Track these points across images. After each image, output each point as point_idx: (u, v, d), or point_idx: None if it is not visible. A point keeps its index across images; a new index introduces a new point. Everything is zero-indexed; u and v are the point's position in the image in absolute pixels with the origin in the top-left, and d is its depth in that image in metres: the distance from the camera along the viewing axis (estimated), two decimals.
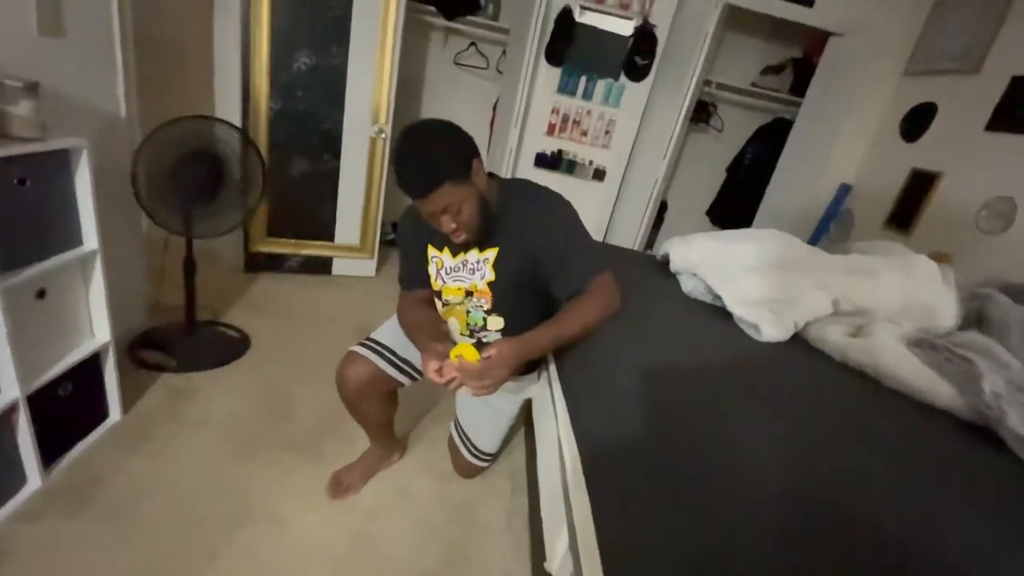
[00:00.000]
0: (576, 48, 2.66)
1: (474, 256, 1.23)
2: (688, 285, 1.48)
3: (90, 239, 1.33)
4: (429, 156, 1.03)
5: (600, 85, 2.76)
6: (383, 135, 2.63)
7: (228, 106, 2.40)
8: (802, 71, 3.30)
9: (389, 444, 1.60)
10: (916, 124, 2.60)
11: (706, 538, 0.62)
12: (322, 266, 2.87)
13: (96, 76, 1.55)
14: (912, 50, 2.67)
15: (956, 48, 2.41)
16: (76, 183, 1.27)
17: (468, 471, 1.61)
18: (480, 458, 1.57)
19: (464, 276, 1.25)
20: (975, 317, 1.42)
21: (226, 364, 1.92)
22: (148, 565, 1.18)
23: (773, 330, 1.22)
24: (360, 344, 1.39)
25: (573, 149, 2.89)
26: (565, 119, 2.80)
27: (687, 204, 3.93)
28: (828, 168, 2.94)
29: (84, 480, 1.35)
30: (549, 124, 2.81)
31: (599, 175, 2.95)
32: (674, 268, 1.57)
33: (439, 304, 1.36)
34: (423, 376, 1.21)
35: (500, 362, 1.04)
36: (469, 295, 1.27)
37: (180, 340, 1.93)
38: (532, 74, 2.65)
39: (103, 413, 1.53)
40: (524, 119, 2.75)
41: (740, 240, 1.50)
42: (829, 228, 2.95)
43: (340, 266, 2.90)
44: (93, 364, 1.45)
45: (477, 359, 1.04)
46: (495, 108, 3.33)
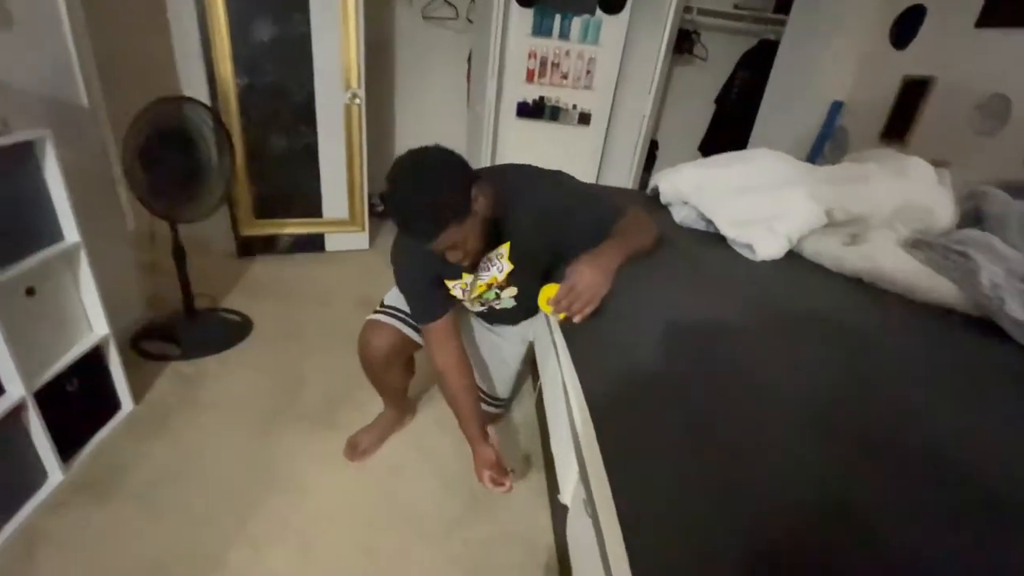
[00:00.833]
0: None
1: (488, 254, 1.18)
2: (680, 214, 1.45)
3: (70, 232, 1.31)
4: (430, 201, 0.94)
5: (576, 23, 2.65)
6: (358, 101, 2.55)
7: (194, 86, 2.32)
8: None
9: (403, 407, 1.63)
10: (906, 29, 2.50)
11: (710, 455, 0.63)
12: (315, 244, 2.85)
13: (50, 65, 1.50)
14: None
15: None
16: (46, 176, 1.24)
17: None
18: (495, 405, 1.60)
19: (485, 275, 1.23)
20: (973, 217, 1.39)
21: (231, 348, 1.94)
22: (181, 539, 1.23)
23: (768, 248, 1.20)
24: (377, 312, 1.38)
25: (555, 94, 2.80)
26: (544, 63, 2.70)
27: (678, 141, 3.84)
28: (818, 87, 2.84)
29: (107, 469, 1.39)
30: (528, 70, 2.72)
31: (585, 119, 2.87)
32: (665, 199, 1.54)
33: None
34: None
35: (586, 281, 0.97)
36: (490, 286, 1.27)
37: (182, 329, 1.94)
38: (504, 18, 2.53)
39: (115, 405, 1.55)
40: (501, 67, 2.65)
41: (729, 163, 1.46)
42: (824, 149, 2.88)
43: (333, 242, 2.88)
44: (96, 358, 1.46)
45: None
46: (470, 61, 3.21)
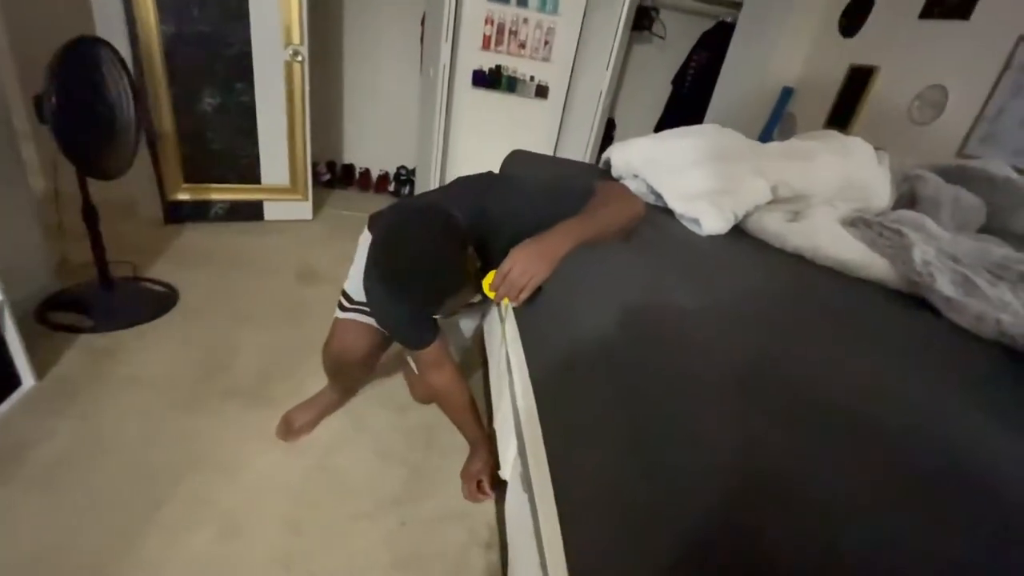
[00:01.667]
0: None
1: None
2: (631, 188, 1.43)
3: None
4: (434, 279, 0.90)
5: None
6: (299, 58, 2.37)
7: (110, 30, 2.08)
8: None
9: (352, 391, 1.57)
10: (854, 18, 2.56)
11: (651, 420, 0.61)
12: (253, 212, 2.67)
13: None
14: None
15: None
16: None
17: (427, 395, 1.58)
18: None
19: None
20: (908, 199, 1.45)
21: (153, 320, 1.78)
22: (85, 524, 1.12)
23: (713, 223, 1.20)
24: (348, 310, 1.28)
25: (512, 64, 2.71)
26: (500, 29, 2.60)
27: (635, 121, 3.84)
28: (771, 72, 2.89)
29: (6, 447, 1.25)
30: (484, 36, 2.61)
31: (542, 92, 2.80)
32: (616, 172, 1.52)
33: None
34: None
35: (519, 268, 0.93)
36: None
37: (96, 299, 1.76)
38: None
39: (14, 380, 1.39)
40: (455, 32, 2.54)
41: (678, 137, 1.45)
42: (773, 135, 2.95)
43: (273, 210, 2.71)
44: None
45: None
46: (423, 23, 3.06)
